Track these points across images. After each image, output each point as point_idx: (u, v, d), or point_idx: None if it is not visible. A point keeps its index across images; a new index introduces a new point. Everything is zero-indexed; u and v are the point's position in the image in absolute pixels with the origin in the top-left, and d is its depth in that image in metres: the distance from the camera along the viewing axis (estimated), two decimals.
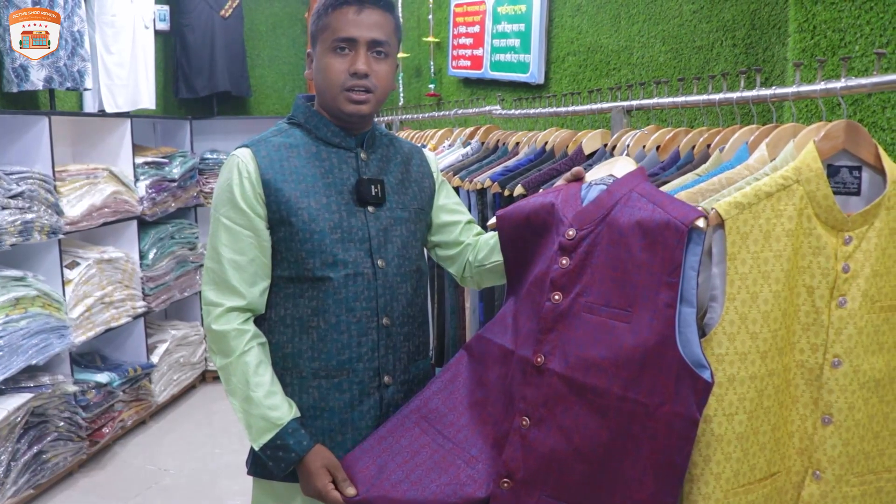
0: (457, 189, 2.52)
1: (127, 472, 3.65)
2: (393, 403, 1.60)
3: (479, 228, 1.81)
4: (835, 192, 1.43)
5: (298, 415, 1.54)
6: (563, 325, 1.40)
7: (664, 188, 1.61)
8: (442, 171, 2.63)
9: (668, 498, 1.37)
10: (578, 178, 1.53)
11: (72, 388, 3.47)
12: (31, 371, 3.36)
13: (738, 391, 1.38)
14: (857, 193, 1.45)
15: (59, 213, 3.46)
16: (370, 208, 1.58)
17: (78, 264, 3.68)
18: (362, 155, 1.61)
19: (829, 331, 1.42)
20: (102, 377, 3.74)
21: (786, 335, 1.41)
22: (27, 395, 3.20)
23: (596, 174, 1.52)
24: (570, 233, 1.42)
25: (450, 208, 1.77)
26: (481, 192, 2.36)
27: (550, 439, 1.41)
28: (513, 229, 1.53)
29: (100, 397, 3.71)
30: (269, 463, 1.52)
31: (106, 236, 4.09)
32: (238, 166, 1.54)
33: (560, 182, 1.56)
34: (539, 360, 1.42)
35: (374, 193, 1.57)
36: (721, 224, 1.37)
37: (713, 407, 1.37)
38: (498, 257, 1.64)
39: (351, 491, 1.48)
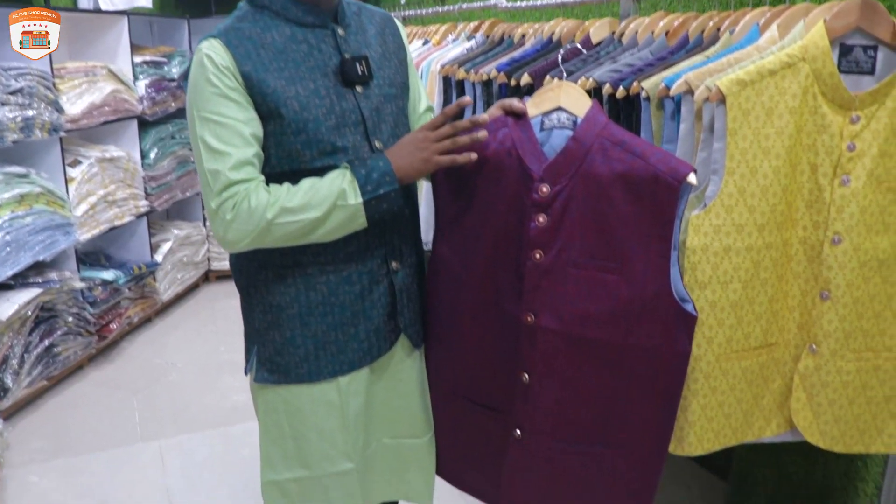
0: (462, 81, 2.50)
1: (135, 365, 3.74)
2: (403, 288, 1.55)
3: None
4: (847, 72, 1.43)
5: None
6: (549, 282, 1.39)
7: (673, 69, 1.61)
8: (446, 64, 2.61)
9: (669, 424, 1.45)
10: (519, 115, 1.44)
11: (79, 285, 3.52)
12: (38, 268, 3.40)
13: (733, 261, 1.42)
14: (872, 73, 1.44)
15: (60, 110, 3.44)
16: (358, 88, 1.47)
17: (80, 163, 3.68)
18: (340, 31, 1.47)
19: (831, 208, 1.44)
20: (108, 275, 3.80)
21: (786, 210, 1.44)
22: (36, 290, 3.25)
23: (541, 106, 1.44)
24: (544, 189, 1.37)
25: (413, 87, 1.64)
26: (487, 84, 2.35)
27: (553, 391, 1.45)
28: (453, 173, 1.46)
29: (106, 294, 3.77)
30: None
31: (107, 136, 4.07)
32: (211, 58, 1.36)
33: (494, 111, 1.47)
34: (529, 318, 1.41)
35: (360, 72, 1.45)
36: (723, 100, 1.37)
37: (708, 274, 1.41)
38: None
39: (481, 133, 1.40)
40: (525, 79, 2.07)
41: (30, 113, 3.22)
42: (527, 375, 1.45)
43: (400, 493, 1.70)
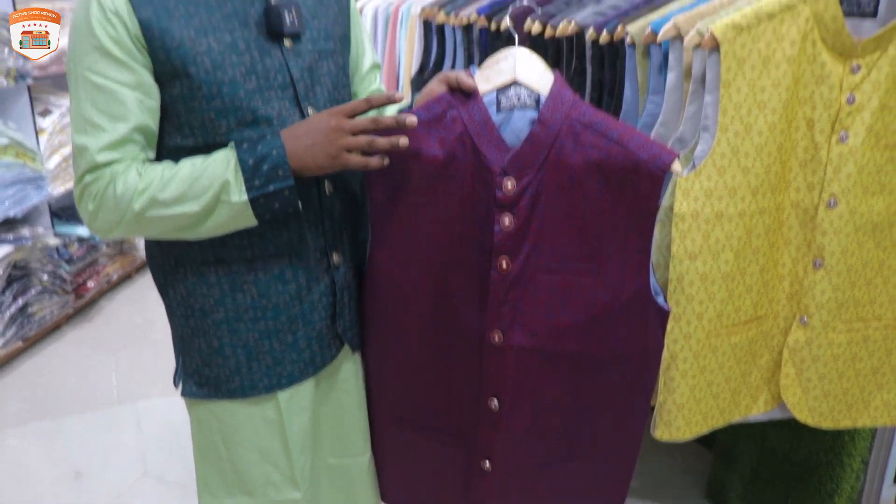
0: (441, 27, 2.36)
1: (115, 324, 3.65)
2: (346, 286, 1.31)
3: (378, 83, 1.45)
4: (847, 14, 1.30)
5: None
6: (517, 293, 1.20)
7: (661, 11, 1.47)
8: (426, 7, 2.46)
9: (643, 420, 1.33)
10: (468, 93, 1.18)
11: (53, 242, 3.41)
12: (9, 224, 3.29)
13: (725, 228, 1.30)
14: (874, 15, 1.32)
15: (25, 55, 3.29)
16: (286, 42, 1.20)
17: (51, 112, 3.53)
18: None
19: (828, 168, 1.33)
20: (84, 231, 3.67)
21: (780, 171, 1.32)
22: (8, 248, 3.14)
23: (493, 80, 1.19)
24: (509, 185, 1.15)
25: (356, 41, 1.38)
26: (467, 29, 2.20)
27: (526, 415, 1.28)
28: (389, 167, 1.16)
29: (83, 251, 3.66)
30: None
31: None
32: (100, 1, 1.09)
33: (436, 87, 1.21)
34: (497, 337, 1.22)
35: (289, 22, 1.18)
36: (716, 47, 1.24)
37: (699, 244, 1.29)
38: None
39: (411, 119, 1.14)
40: (507, 22, 1.93)
41: None
42: (496, 401, 1.26)
43: None
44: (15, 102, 3.31)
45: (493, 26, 1.99)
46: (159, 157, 1.19)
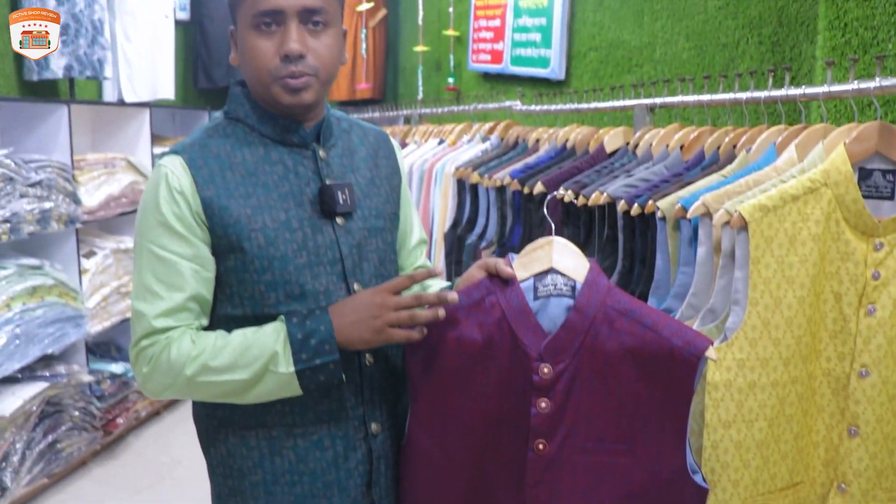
0: (475, 185, 2.49)
1: (140, 462, 3.65)
2: (383, 454, 1.32)
3: (423, 258, 1.51)
4: (866, 197, 1.39)
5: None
6: (553, 475, 1.23)
7: (689, 189, 1.57)
8: (461, 167, 2.60)
9: None
10: (505, 278, 1.24)
11: (87, 378, 3.47)
12: (46, 360, 3.36)
13: (758, 397, 1.34)
14: (891, 198, 1.41)
15: (77, 202, 3.46)
16: (338, 220, 1.27)
17: (95, 254, 3.68)
18: (321, 153, 1.29)
19: (857, 339, 1.38)
20: (117, 367, 3.75)
21: (811, 342, 1.37)
22: (43, 385, 3.20)
23: (530, 268, 1.25)
24: (545, 370, 1.20)
25: (405, 218, 1.45)
26: (501, 190, 2.33)
27: None
28: (430, 350, 1.23)
29: (114, 387, 3.72)
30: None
31: (122, 226, 4.09)
32: (167, 180, 1.19)
33: (476, 273, 1.27)
34: None
35: (341, 201, 1.25)
36: (745, 227, 1.33)
37: (732, 413, 1.33)
38: None
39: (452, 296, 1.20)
40: (538, 188, 2.05)
41: (47, 205, 3.23)
42: None
43: None
44: (63, 244, 3.46)
45: (527, 190, 2.11)
46: (211, 325, 1.26)
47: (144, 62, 4.25)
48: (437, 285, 1.42)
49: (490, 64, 3.83)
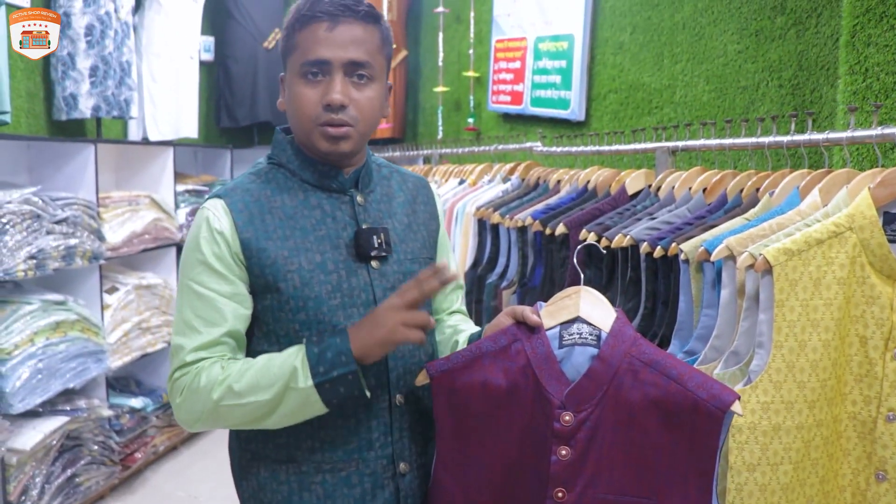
0: (496, 226, 2.51)
1: (158, 497, 3.65)
2: (410, 494, 1.34)
3: (460, 303, 1.56)
4: (891, 241, 1.40)
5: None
6: None
7: (713, 232, 1.58)
8: (481, 207, 2.63)
9: None
10: (532, 326, 1.27)
11: (107, 413, 3.49)
12: (67, 394, 3.38)
13: (783, 441, 1.34)
14: None
15: (101, 238, 3.51)
16: (373, 263, 1.31)
17: (117, 290, 3.72)
18: (358, 198, 1.33)
19: (884, 383, 1.37)
20: (137, 402, 3.77)
21: (836, 385, 1.37)
22: (63, 419, 3.22)
23: (557, 316, 1.27)
24: (567, 417, 1.21)
25: (441, 262, 1.47)
26: (522, 230, 2.34)
27: None
28: (456, 394, 1.25)
29: (134, 422, 3.73)
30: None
31: (145, 262, 4.14)
32: (209, 221, 1.26)
33: (504, 320, 1.30)
34: None
35: (377, 245, 1.30)
36: (769, 270, 1.34)
37: (757, 456, 1.33)
38: None
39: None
40: (560, 229, 2.07)
41: (72, 242, 3.28)
42: None
43: None
44: (86, 280, 3.51)
45: (548, 231, 2.12)
46: None
47: (169, 102, 4.33)
48: (467, 330, 1.44)
49: (510, 105, 3.87)
